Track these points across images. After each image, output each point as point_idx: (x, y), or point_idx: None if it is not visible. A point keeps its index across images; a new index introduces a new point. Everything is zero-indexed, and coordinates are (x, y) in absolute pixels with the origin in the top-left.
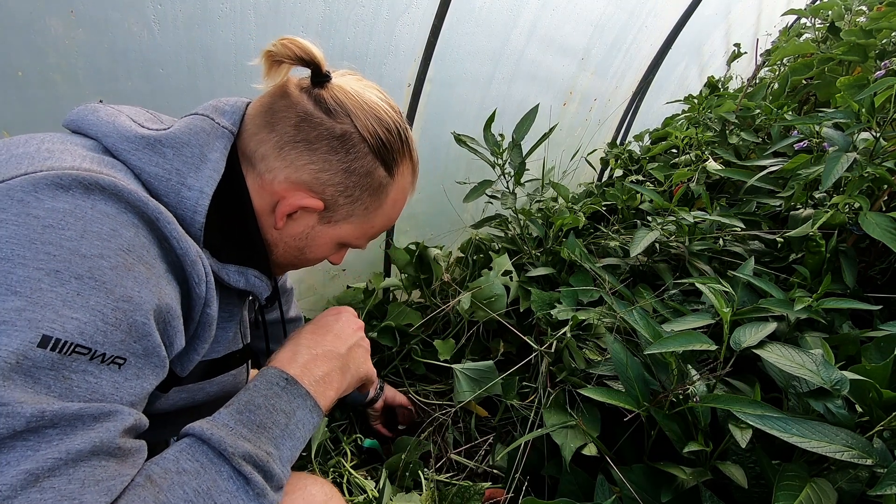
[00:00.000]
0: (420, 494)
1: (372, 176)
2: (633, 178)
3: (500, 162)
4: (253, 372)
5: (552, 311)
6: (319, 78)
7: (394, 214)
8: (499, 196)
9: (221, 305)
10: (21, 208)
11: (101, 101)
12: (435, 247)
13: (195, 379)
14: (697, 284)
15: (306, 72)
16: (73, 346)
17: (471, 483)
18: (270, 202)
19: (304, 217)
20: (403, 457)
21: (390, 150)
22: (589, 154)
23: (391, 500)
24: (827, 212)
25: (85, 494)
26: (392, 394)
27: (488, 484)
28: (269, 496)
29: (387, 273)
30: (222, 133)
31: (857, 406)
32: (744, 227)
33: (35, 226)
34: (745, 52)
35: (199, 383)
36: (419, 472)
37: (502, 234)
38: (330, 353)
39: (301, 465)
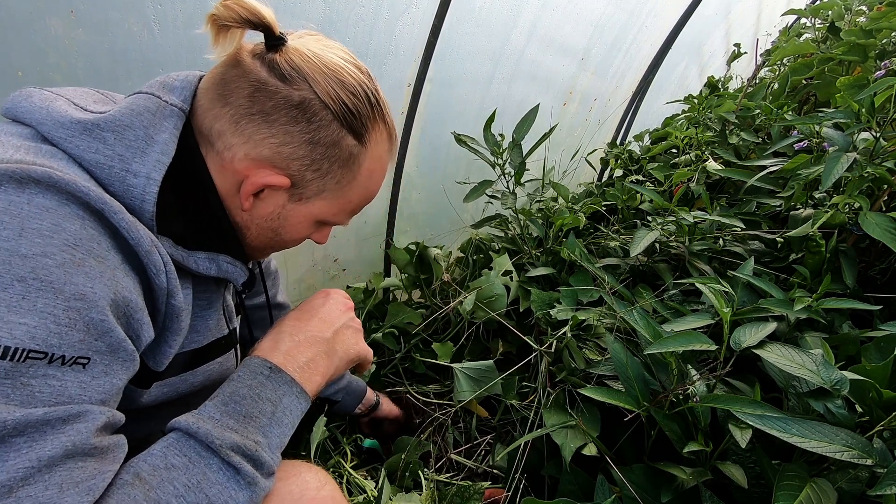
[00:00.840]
0: (420, 494)
1: (339, 146)
2: (633, 178)
3: (500, 162)
4: None
5: (552, 311)
6: (273, 41)
7: (372, 186)
8: (499, 196)
9: (197, 293)
10: None
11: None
12: (435, 247)
13: (178, 371)
14: (697, 284)
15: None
16: (25, 353)
17: (470, 483)
18: (234, 182)
19: (272, 196)
20: (403, 457)
21: (357, 115)
22: (589, 154)
23: (391, 499)
24: (827, 212)
25: (64, 498)
26: (387, 409)
27: (488, 483)
28: (260, 483)
29: (387, 273)
30: (171, 111)
31: (857, 406)
32: (744, 227)
33: None
34: (745, 52)
35: (181, 375)
36: (419, 472)
37: (502, 234)
38: (314, 338)
39: None
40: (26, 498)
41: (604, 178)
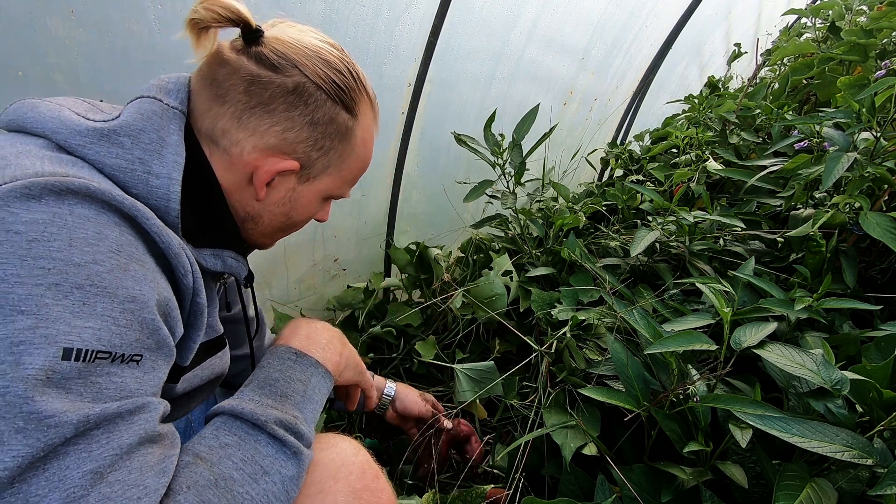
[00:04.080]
0: (420, 497)
1: (336, 122)
2: (634, 177)
3: (500, 162)
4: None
5: (552, 311)
6: (252, 35)
7: (366, 155)
8: (499, 196)
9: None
10: None
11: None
12: (435, 247)
13: (193, 366)
14: (698, 284)
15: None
16: (94, 354)
17: (472, 485)
18: (244, 176)
19: (283, 181)
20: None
21: (347, 90)
22: (589, 154)
23: None
24: (827, 212)
25: (146, 479)
26: (405, 404)
27: (490, 487)
28: (304, 453)
29: (387, 273)
30: (174, 114)
31: (857, 406)
32: (744, 227)
33: (19, 242)
34: (746, 52)
35: (194, 370)
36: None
37: (502, 234)
38: (325, 326)
39: None
40: (116, 482)
41: (604, 178)
